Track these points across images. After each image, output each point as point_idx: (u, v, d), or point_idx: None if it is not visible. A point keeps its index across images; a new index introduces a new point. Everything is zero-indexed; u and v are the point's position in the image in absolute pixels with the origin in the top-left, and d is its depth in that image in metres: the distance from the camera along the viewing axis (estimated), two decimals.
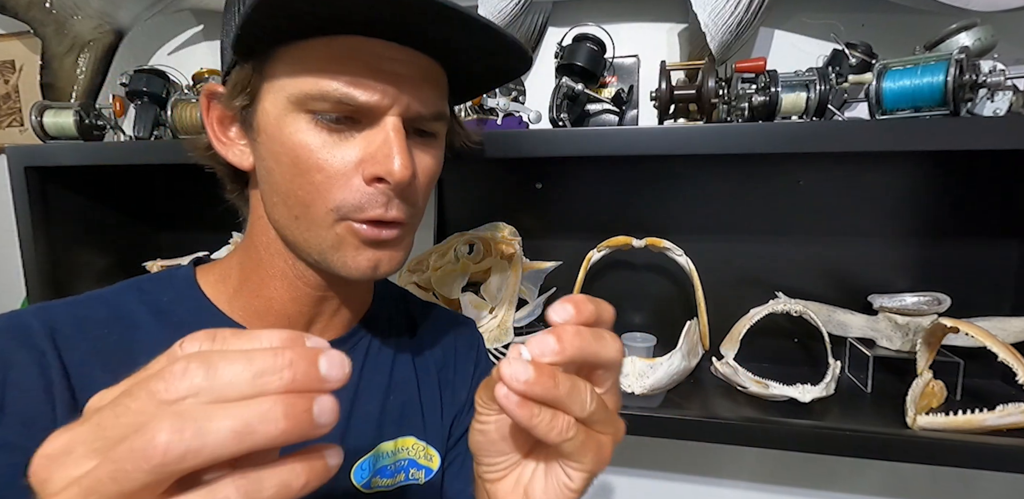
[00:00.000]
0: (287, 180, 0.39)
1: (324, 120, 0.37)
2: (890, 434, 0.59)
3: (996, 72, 0.55)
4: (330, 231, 0.39)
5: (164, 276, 0.46)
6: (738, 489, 0.87)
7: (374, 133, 0.38)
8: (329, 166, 0.37)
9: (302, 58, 0.37)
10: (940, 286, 0.72)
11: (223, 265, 0.46)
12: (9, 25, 1.02)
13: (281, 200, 0.40)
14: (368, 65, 0.37)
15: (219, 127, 0.42)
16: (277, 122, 0.38)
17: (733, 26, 0.67)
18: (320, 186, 0.38)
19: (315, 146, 0.37)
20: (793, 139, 0.56)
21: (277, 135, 0.38)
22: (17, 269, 0.82)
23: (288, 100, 0.37)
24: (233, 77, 0.39)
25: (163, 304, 0.43)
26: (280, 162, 0.38)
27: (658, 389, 0.66)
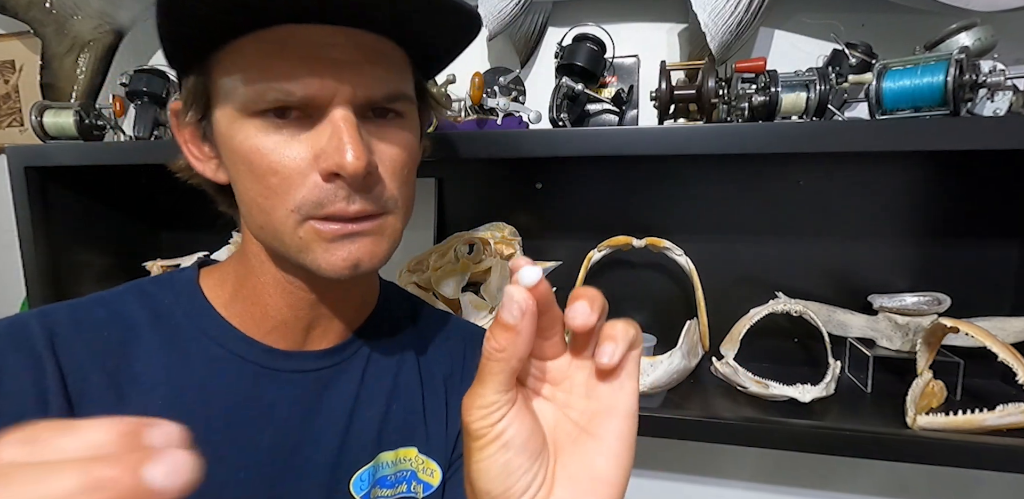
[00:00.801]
0: (248, 189, 0.37)
1: (271, 120, 0.36)
2: (890, 434, 0.59)
3: (996, 72, 0.55)
4: (294, 234, 0.37)
5: (168, 278, 0.46)
6: (738, 489, 0.87)
7: (323, 127, 0.36)
8: (283, 167, 0.36)
9: (236, 59, 0.36)
10: (940, 286, 0.72)
11: (223, 269, 0.46)
12: (9, 25, 1.02)
13: (248, 210, 0.39)
14: (302, 55, 0.35)
15: (192, 145, 0.41)
16: (228, 131, 0.37)
17: (733, 26, 0.67)
18: (277, 189, 0.36)
19: (267, 149, 0.36)
20: (793, 139, 0.56)
21: (231, 144, 0.37)
22: (17, 269, 0.82)
23: (232, 107, 0.36)
24: (183, 91, 0.38)
25: (163, 306, 0.43)
26: (239, 171, 0.37)
27: (659, 387, 0.66)
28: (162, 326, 0.42)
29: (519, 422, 0.27)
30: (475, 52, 0.87)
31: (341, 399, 0.44)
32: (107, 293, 0.44)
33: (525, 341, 0.26)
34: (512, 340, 0.26)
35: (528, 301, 0.26)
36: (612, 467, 0.28)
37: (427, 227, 0.86)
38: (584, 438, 0.28)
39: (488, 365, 0.26)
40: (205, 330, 0.42)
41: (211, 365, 0.41)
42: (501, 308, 0.26)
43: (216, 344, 0.42)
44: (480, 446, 0.27)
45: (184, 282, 0.45)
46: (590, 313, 0.27)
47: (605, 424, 0.28)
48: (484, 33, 0.76)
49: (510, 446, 0.27)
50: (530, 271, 0.26)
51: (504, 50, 0.85)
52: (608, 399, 0.28)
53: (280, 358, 0.43)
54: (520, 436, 0.27)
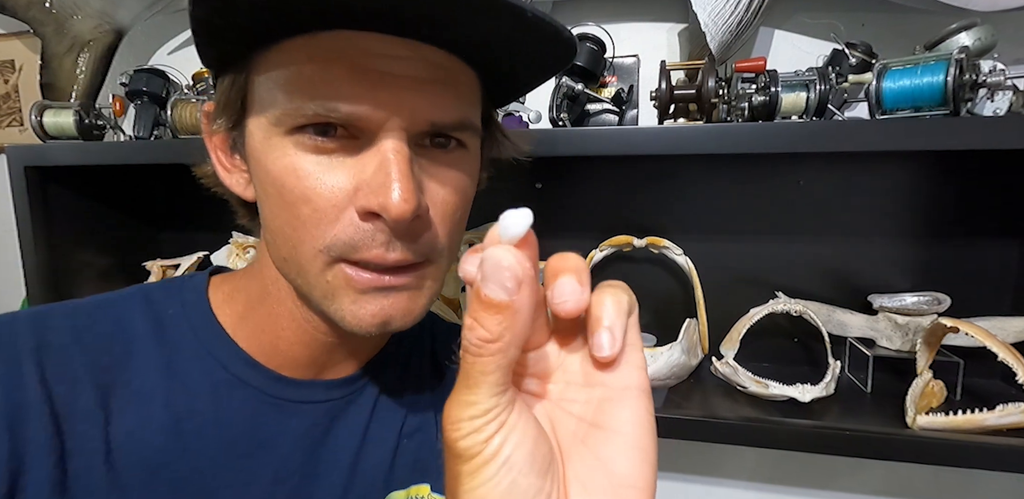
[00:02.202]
0: (275, 215, 0.33)
1: (311, 139, 0.30)
2: (890, 434, 0.59)
3: (996, 72, 0.55)
4: (321, 277, 0.32)
5: (177, 285, 0.41)
6: (738, 489, 0.87)
7: (370, 155, 0.30)
8: (318, 196, 0.30)
9: (280, 63, 0.31)
10: (940, 286, 0.71)
11: (234, 283, 0.41)
12: (9, 25, 1.02)
13: (272, 238, 0.34)
14: (355, 66, 0.29)
15: (222, 152, 0.36)
16: (262, 146, 0.32)
17: (733, 26, 0.67)
18: (308, 221, 0.31)
19: (303, 172, 0.31)
20: (793, 139, 0.56)
21: (263, 161, 0.32)
22: (17, 269, 0.82)
23: (268, 118, 0.31)
24: (218, 92, 0.34)
25: (169, 318, 0.39)
26: (268, 193, 0.33)
27: (658, 380, 0.66)
28: (166, 341, 0.38)
29: (521, 432, 0.21)
30: None
31: (350, 433, 0.41)
32: (111, 297, 0.40)
33: (524, 322, 0.20)
34: (507, 323, 0.20)
35: (523, 265, 0.20)
36: (635, 464, 0.24)
37: None
38: (594, 434, 0.23)
39: (477, 363, 0.20)
40: (211, 350, 0.38)
41: (214, 390, 0.37)
42: (483, 281, 0.19)
43: (221, 367, 0.38)
44: (473, 469, 0.21)
45: (193, 291, 0.40)
46: (580, 291, 0.22)
47: (617, 412, 0.23)
48: None
49: (513, 465, 0.21)
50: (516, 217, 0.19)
51: None
52: (614, 381, 0.23)
53: (288, 387, 0.39)
54: (524, 449, 0.21)
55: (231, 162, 0.37)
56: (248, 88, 0.33)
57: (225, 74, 0.33)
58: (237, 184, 0.37)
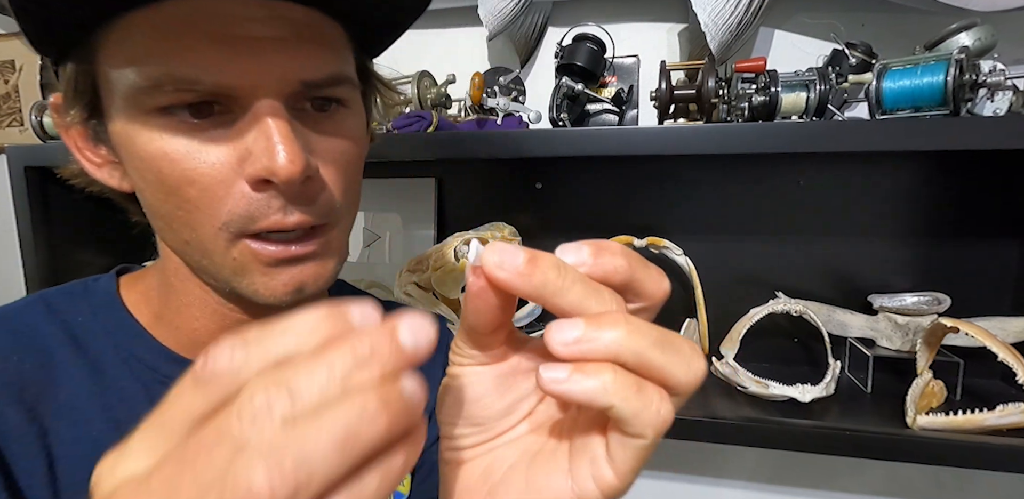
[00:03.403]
0: (160, 200, 0.31)
1: (179, 117, 0.29)
2: (890, 434, 0.59)
3: (996, 72, 0.55)
4: (227, 255, 0.31)
5: (81, 289, 0.39)
6: (738, 489, 0.87)
7: (245, 123, 0.29)
8: (201, 175, 0.29)
9: (126, 40, 0.28)
10: (940, 286, 0.71)
11: (145, 281, 0.39)
12: (9, 25, 1.02)
13: (164, 224, 0.32)
14: (209, 33, 0.28)
15: (83, 144, 0.33)
16: (125, 131, 0.30)
17: (733, 26, 0.67)
18: (198, 202, 0.30)
19: (178, 154, 0.29)
20: (793, 139, 0.56)
21: (131, 148, 0.30)
22: (17, 269, 0.82)
23: (126, 102, 0.29)
24: (62, 83, 0.31)
25: (79, 325, 0.37)
26: (146, 180, 0.31)
27: None
28: (82, 348, 0.36)
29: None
30: (475, 52, 0.87)
31: None
32: (9, 309, 0.37)
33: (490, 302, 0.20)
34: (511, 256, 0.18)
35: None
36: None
37: (427, 227, 0.86)
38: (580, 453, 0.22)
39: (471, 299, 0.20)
40: (134, 352, 0.37)
41: (148, 393, 0.36)
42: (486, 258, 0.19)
43: (148, 368, 0.36)
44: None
45: (102, 295, 0.38)
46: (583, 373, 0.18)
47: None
48: (485, 33, 0.76)
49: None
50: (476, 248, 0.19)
51: (504, 50, 0.85)
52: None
53: None
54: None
55: (96, 155, 0.34)
56: (97, 72, 0.30)
57: (66, 61, 0.31)
58: (111, 177, 0.34)
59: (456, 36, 0.87)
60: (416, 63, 0.80)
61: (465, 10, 0.80)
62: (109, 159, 0.34)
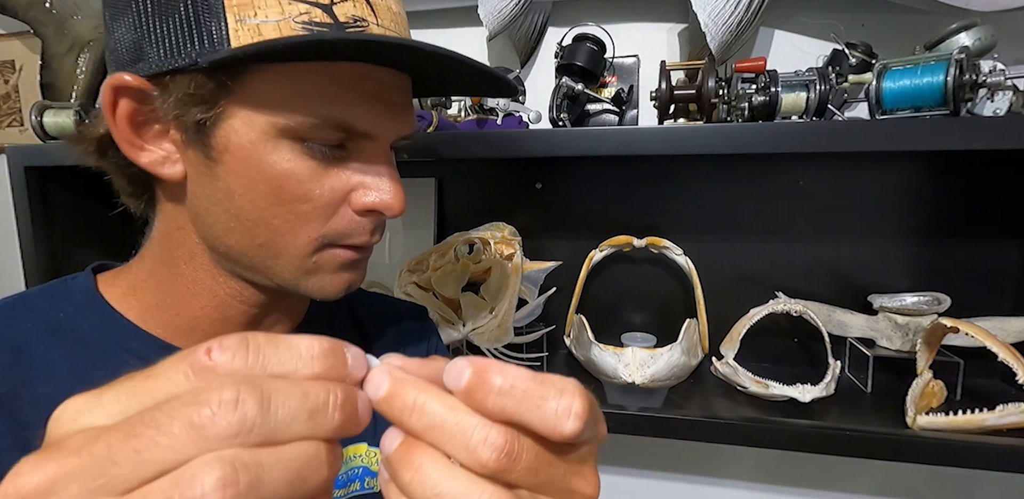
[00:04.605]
0: (260, 208, 0.35)
1: (314, 148, 0.34)
2: (890, 434, 0.59)
3: (996, 72, 0.55)
4: (307, 259, 0.37)
5: (56, 288, 0.41)
6: (738, 489, 0.87)
7: (367, 162, 0.36)
8: (318, 196, 0.35)
9: (297, 82, 0.33)
10: (940, 286, 0.72)
11: (130, 276, 0.41)
12: (9, 25, 1.01)
13: (242, 226, 0.35)
14: (371, 94, 0.35)
15: (130, 127, 0.35)
16: (254, 147, 0.34)
17: (733, 26, 0.67)
18: (305, 216, 0.35)
19: (303, 176, 0.34)
20: (793, 139, 0.56)
21: (253, 161, 0.34)
22: (17, 269, 0.82)
23: (275, 126, 0.33)
24: (182, 83, 0.33)
25: (59, 321, 0.38)
26: (254, 189, 0.34)
27: (659, 380, 0.66)
28: (65, 342, 0.37)
29: None
30: (475, 52, 0.87)
31: None
32: None
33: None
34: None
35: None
36: None
37: (427, 227, 0.86)
38: None
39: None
40: (121, 343, 0.38)
41: None
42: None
43: (137, 357, 0.38)
44: None
45: (81, 291, 0.40)
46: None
47: None
48: (485, 33, 0.76)
49: None
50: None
51: (504, 50, 0.85)
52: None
53: None
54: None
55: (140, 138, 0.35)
56: (234, 89, 0.33)
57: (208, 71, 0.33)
58: (151, 160, 0.35)
59: (456, 36, 0.87)
60: None
61: (465, 10, 0.80)
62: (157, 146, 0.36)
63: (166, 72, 0.33)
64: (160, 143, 0.36)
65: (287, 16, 0.32)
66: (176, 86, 0.33)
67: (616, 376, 0.67)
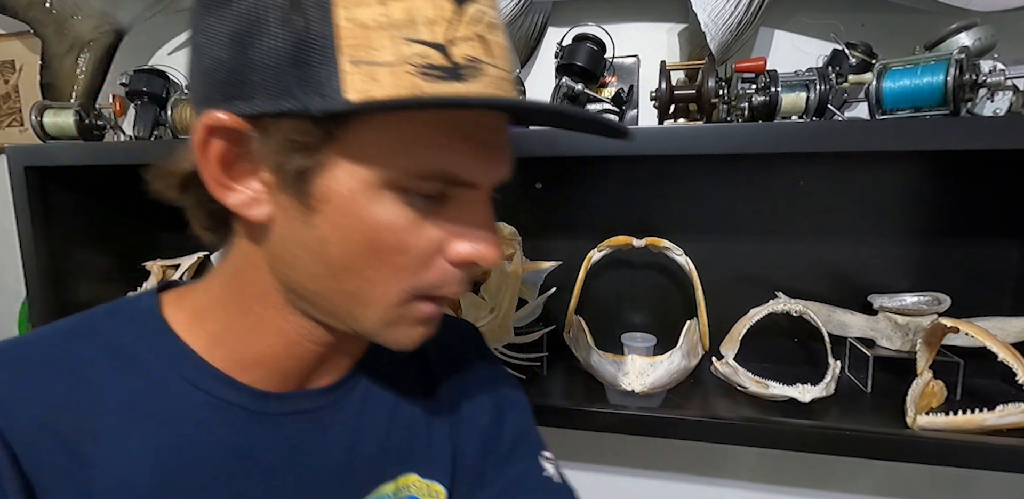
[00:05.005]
0: (352, 257, 0.33)
1: (414, 197, 0.32)
2: (890, 434, 0.59)
3: (996, 72, 0.55)
4: (392, 309, 0.35)
5: (123, 310, 0.39)
6: (738, 489, 0.87)
7: (466, 210, 0.34)
8: (415, 247, 0.33)
9: (404, 131, 0.31)
10: (940, 286, 0.72)
11: (197, 300, 0.40)
12: (9, 25, 1.01)
13: (330, 273, 0.34)
14: (477, 141, 0.33)
15: (221, 168, 0.33)
16: (355, 197, 0.32)
17: (733, 26, 0.67)
18: (399, 267, 0.33)
19: (401, 226, 0.32)
20: (793, 139, 0.56)
21: (353, 211, 0.32)
22: (17, 269, 0.82)
23: (379, 177, 0.32)
24: (285, 128, 0.31)
25: (124, 347, 0.37)
26: (349, 238, 0.33)
27: (658, 387, 0.66)
28: (127, 370, 0.36)
29: None
30: None
31: (339, 437, 0.41)
32: (48, 331, 0.37)
33: None
34: None
35: None
36: None
37: None
38: None
39: None
40: (182, 373, 0.37)
41: (194, 414, 0.36)
42: None
43: (198, 390, 0.36)
44: None
45: (145, 315, 0.38)
46: None
47: None
48: None
49: None
50: None
51: None
52: None
53: (272, 401, 0.38)
54: None
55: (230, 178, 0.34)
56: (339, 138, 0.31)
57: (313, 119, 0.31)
58: (238, 202, 0.34)
59: None
60: None
61: None
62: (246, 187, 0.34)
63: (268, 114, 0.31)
64: (249, 183, 0.34)
65: (402, 58, 0.29)
66: (278, 130, 0.31)
67: (616, 384, 0.67)
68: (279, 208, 0.34)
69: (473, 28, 0.31)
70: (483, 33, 0.32)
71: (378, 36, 0.29)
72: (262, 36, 0.30)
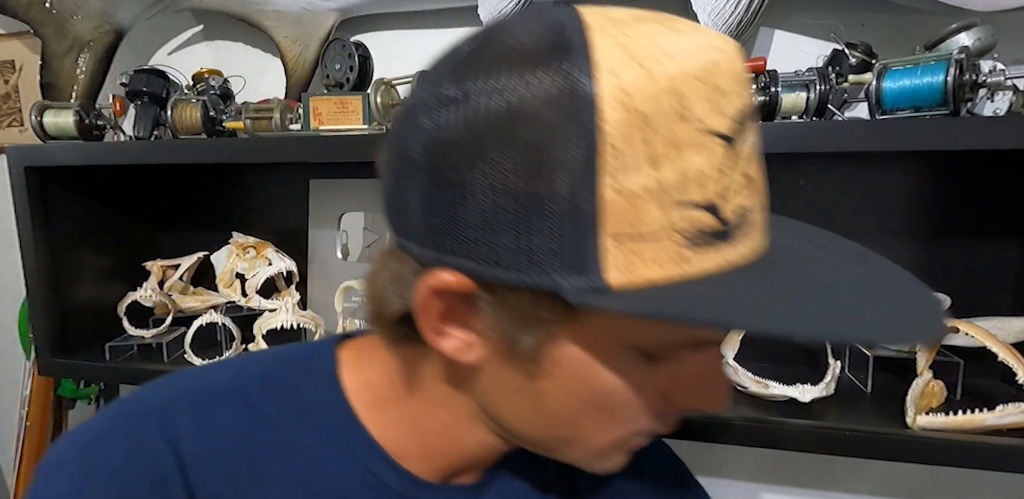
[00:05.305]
0: (573, 412, 0.31)
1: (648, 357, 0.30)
2: (890, 434, 0.59)
3: (996, 72, 0.55)
4: (603, 448, 0.33)
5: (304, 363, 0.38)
6: (738, 489, 0.87)
7: (699, 360, 0.31)
8: (640, 400, 0.30)
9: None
10: (940, 286, 0.71)
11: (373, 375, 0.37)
12: (9, 25, 1.02)
13: (545, 423, 0.32)
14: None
15: (439, 320, 0.30)
16: (592, 363, 0.29)
17: (733, 26, 0.67)
18: (622, 418, 0.31)
19: (631, 382, 0.30)
20: (793, 139, 0.56)
21: (584, 374, 0.29)
22: (17, 269, 0.82)
23: (622, 345, 0.29)
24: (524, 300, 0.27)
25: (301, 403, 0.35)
26: (575, 397, 0.30)
27: None
28: (300, 437, 0.35)
29: None
30: None
31: None
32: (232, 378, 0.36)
33: None
34: None
35: None
36: None
37: None
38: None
39: None
40: (349, 447, 0.35)
41: (353, 493, 0.35)
42: None
43: (363, 468, 0.35)
44: None
45: (324, 376, 0.37)
46: None
47: None
48: None
49: None
50: None
51: None
52: None
53: (426, 490, 0.37)
54: None
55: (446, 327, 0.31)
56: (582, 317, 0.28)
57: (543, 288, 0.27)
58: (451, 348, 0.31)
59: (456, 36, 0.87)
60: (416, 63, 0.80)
61: (465, 10, 0.80)
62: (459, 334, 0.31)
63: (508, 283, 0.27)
64: (465, 330, 0.31)
65: (669, 227, 0.25)
66: (514, 301, 0.28)
67: None
68: (496, 355, 0.31)
69: (744, 169, 0.26)
70: (752, 173, 0.27)
71: (646, 205, 0.24)
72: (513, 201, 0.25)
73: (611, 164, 0.24)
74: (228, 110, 0.81)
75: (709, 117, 0.24)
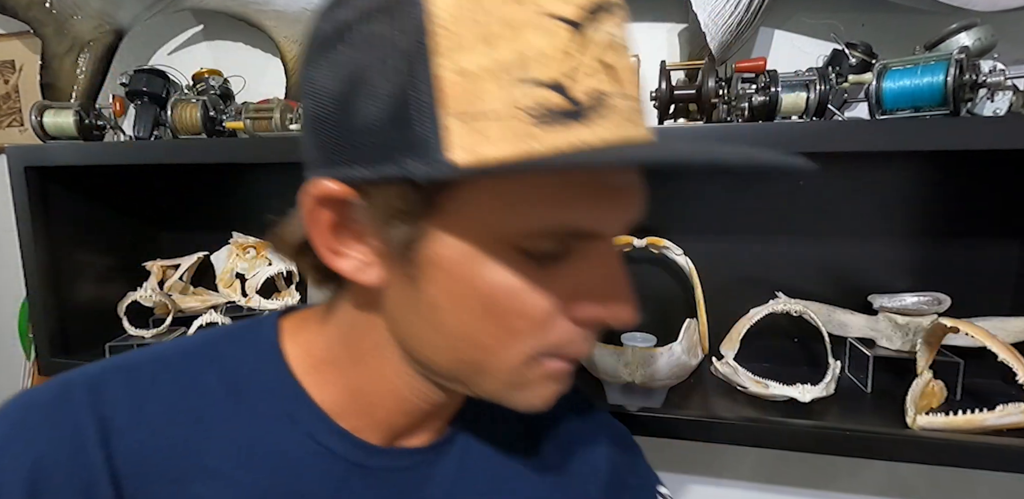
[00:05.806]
0: (466, 324, 0.31)
1: (533, 257, 0.29)
2: (890, 434, 0.59)
3: (996, 72, 0.55)
4: (515, 373, 0.32)
5: (245, 335, 0.38)
6: (738, 489, 0.87)
7: (592, 264, 0.30)
8: (535, 309, 0.30)
9: (516, 189, 0.28)
10: (940, 286, 0.71)
11: (312, 339, 0.38)
12: (9, 25, 1.02)
13: (446, 342, 0.32)
14: (605, 187, 0.29)
15: (330, 235, 0.31)
16: (467, 261, 0.29)
17: (733, 26, 0.67)
18: (518, 332, 0.30)
19: (519, 288, 0.29)
20: (793, 139, 0.56)
21: (464, 276, 0.29)
22: (17, 269, 0.82)
23: (492, 238, 0.29)
24: (387, 195, 0.29)
25: (243, 377, 0.36)
26: (462, 305, 0.30)
27: (658, 380, 0.66)
28: (241, 406, 0.35)
29: None
30: None
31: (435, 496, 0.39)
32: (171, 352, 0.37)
33: None
34: None
35: None
36: None
37: None
38: None
39: None
40: (293, 415, 0.35)
41: (298, 461, 0.35)
42: None
43: (307, 436, 0.35)
44: None
45: (264, 344, 0.37)
46: None
47: None
48: None
49: None
50: None
51: None
52: None
53: (374, 454, 0.37)
54: None
55: (340, 245, 0.32)
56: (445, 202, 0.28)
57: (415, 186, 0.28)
58: (351, 268, 0.32)
59: None
60: None
61: None
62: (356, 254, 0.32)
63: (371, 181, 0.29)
64: (359, 247, 0.32)
65: (512, 104, 0.25)
66: (381, 198, 0.29)
67: (616, 375, 0.67)
68: (390, 272, 0.31)
69: (598, 55, 0.27)
70: (610, 60, 0.27)
71: (484, 83, 0.25)
72: (361, 94, 0.27)
73: (443, 45, 0.25)
74: (228, 110, 0.81)
75: (547, 1, 0.25)
